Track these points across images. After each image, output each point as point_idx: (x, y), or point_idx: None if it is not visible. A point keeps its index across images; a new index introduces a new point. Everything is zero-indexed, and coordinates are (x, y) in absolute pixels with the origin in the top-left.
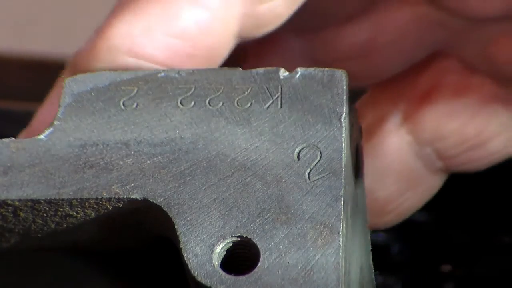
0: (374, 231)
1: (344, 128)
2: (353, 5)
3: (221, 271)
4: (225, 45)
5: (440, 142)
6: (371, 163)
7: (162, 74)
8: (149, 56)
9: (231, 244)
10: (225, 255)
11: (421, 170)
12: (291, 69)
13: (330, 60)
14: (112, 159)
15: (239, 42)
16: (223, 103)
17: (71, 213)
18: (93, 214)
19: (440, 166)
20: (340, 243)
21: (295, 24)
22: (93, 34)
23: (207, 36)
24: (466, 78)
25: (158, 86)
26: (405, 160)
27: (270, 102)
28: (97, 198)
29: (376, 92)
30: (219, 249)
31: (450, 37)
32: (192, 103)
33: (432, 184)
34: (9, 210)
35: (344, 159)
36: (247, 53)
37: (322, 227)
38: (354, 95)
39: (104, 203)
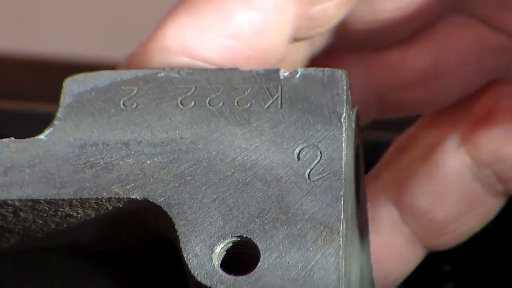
0: None
1: (344, 128)
2: (413, 24)
3: (221, 271)
4: (279, 47)
5: (499, 164)
6: (428, 185)
7: (162, 74)
8: (203, 56)
9: (231, 244)
10: (225, 255)
11: (480, 192)
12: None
13: (393, 87)
14: (112, 159)
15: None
16: (223, 103)
17: (71, 213)
18: (93, 214)
19: (500, 189)
20: (340, 243)
21: (357, 43)
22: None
23: (261, 38)
24: None
25: (158, 86)
26: (463, 182)
27: (270, 102)
28: (97, 198)
29: (433, 114)
30: (219, 249)
31: (508, 61)
32: (192, 103)
33: (491, 206)
34: (9, 210)
35: (344, 159)
36: None
37: (322, 227)
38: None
39: (104, 203)
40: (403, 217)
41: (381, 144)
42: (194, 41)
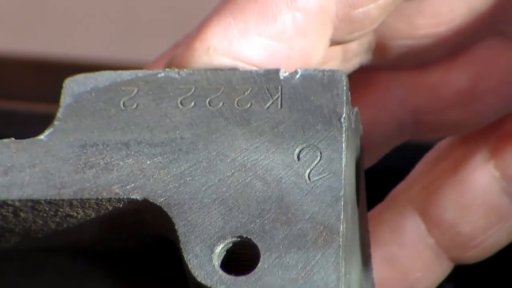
0: None
1: (344, 128)
2: (453, 43)
3: (221, 271)
4: (320, 49)
5: None
6: (456, 197)
7: (162, 74)
8: (246, 57)
9: (231, 244)
10: (225, 255)
11: (509, 206)
12: (386, 116)
13: (432, 108)
14: (112, 160)
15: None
16: (223, 104)
17: (71, 213)
18: (93, 215)
19: None
20: (340, 243)
21: (395, 61)
22: (189, 37)
23: (303, 39)
24: None
25: (158, 86)
26: (492, 196)
27: (270, 102)
28: (97, 199)
29: None
30: (219, 249)
31: None
32: (192, 103)
33: None
34: (9, 211)
35: (344, 160)
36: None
37: (322, 227)
38: None
39: (104, 203)
40: (430, 230)
41: None
42: (238, 41)
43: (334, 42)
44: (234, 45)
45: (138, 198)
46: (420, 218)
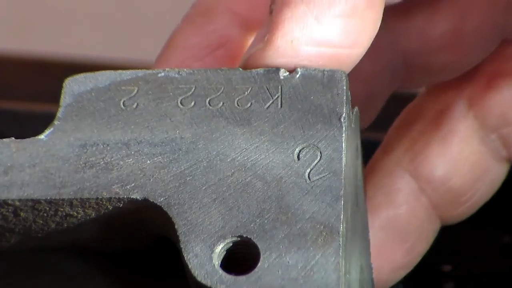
0: None
1: (344, 128)
2: None
3: (221, 271)
4: (381, 16)
5: (505, 128)
6: (443, 152)
7: (162, 74)
8: (328, 41)
9: (231, 244)
10: (225, 255)
11: (488, 157)
12: (379, 63)
13: (420, 52)
14: (112, 159)
15: None
16: (223, 103)
17: (71, 213)
18: (93, 214)
19: (505, 155)
20: (340, 243)
21: (385, 13)
22: (261, 33)
23: (372, 9)
24: None
25: (158, 86)
26: (474, 148)
27: (270, 102)
28: (97, 198)
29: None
30: (219, 249)
31: None
32: (192, 103)
33: (498, 173)
34: (10, 210)
35: (344, 159)
36: None
37: (322, 227)
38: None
39: (104, 203)
40: (422, 188)
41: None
42: (318, 27)
43: None
44: (315, 32)
45: (138, 197)
46: (411, 178)
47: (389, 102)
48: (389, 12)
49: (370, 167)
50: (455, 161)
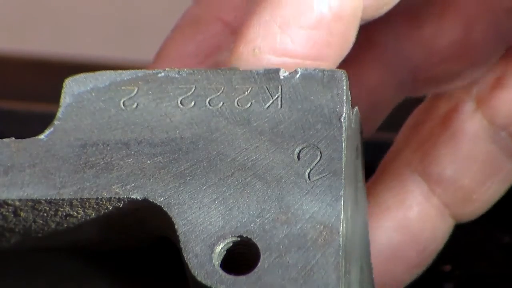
0: None
1: (344, 128)
2: None
3: (221, 271)
4: (354, 30)
5: None
6: (452, 152)
7: (162, 74)
8: (291, 51)
9: (231, 244)
10: (225, 255)
11: (498, 155)
12: (386, 73)
13: (428, 62)
14: (112, 159)
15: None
16: (223, 103)
17: (71, 213)
18: (93, 214)
19: None
20: (340, 243)
21: (392, 23)
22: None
23: (340, 22)
24: None
25: (158, 86)
26: (484, 146)
27: (270, 102)
28: (97, 198)
29: None
30: (219, 249)
31: None
32: (192, 103)
33: (509, 170)
34: (10, 210)
35: (344, 159)
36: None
37: (322, 227)
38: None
39: (104, 203)
40: (432, 188)
41: (381, 144)
42: (281, 37)
43: (362, 21)
44: (278, 42)
45: (138, 197)
46: (421, 178)
47: (400, 104)
48: (395, 23)
49: (380, 169)
50: (464, 160)
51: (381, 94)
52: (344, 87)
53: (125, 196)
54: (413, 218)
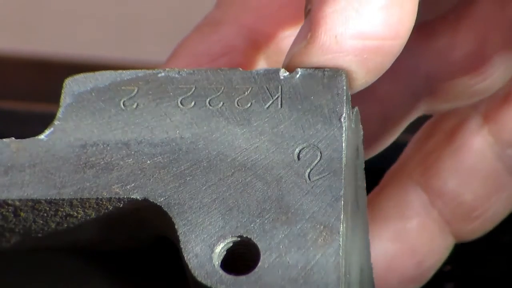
0: None
1: (344, 128)
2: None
3: (221, 271)
4: (418, 4)
5: None
6: (455, 166)
7: (163, 74)
8: (371, 33)
9: (231, 244)
10: (225, 255)
11: (503, 173)
12: (400, 85)
13: (444, 75)
14: (112, 159)
15: None
16: (223, 103)
17: (71, 213)
18: (93, 214)
19: None
20: (340, 243)
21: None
22: (301, 34)
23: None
24: None
25: (158, 86)
26: (488, 163)
27: (270, 102)
28: (97, 198)
29: None
30: (219, 249)
31: None
32: (192, 103)
33: None
34: (10, 210)
35: (344, 159)
36: None
37: (322, 227)
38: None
39: (104, 203)
40: (433, 201)
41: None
42: (359, 20)
43: None
44: (358, 25)
45: (138, 197)
46: (422, 191)
47: None
48: (410, 34)
49: (385, 179)
50: (467, 175)
51: (395, 106)
52: (344, 87)
53: (125, 196)
54: (412, 229)
